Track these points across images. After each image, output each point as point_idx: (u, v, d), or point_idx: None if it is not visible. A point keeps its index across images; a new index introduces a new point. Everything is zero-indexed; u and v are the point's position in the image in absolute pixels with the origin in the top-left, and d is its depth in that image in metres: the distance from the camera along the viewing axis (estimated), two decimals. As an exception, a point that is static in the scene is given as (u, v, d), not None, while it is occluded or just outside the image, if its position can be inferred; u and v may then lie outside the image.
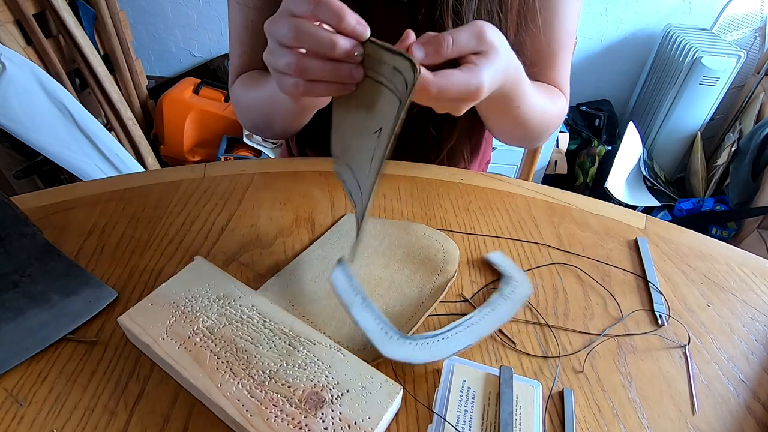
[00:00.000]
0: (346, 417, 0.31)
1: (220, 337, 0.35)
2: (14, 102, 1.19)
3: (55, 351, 0.37)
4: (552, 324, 0.42)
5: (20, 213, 0.44)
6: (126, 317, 0.37)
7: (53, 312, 0.39)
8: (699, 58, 1.54)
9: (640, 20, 1.79)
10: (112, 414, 0.33)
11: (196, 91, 1.74)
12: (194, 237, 0.48)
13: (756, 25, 1.68)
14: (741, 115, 1.66)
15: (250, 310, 0.38)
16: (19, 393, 0.34)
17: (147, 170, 1.56)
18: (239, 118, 0.63)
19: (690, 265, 0.50)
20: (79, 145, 1.35)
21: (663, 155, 1.80)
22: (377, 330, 0.36)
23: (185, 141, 1.72)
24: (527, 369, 0.38)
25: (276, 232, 0.50)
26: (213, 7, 1.88)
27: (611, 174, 1.61)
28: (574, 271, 0.48)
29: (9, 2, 1.27)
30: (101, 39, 1.59)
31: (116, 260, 0.45)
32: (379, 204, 0.55)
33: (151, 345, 0.35)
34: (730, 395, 0.38)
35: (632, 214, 0.57)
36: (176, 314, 0.37)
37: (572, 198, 0.59)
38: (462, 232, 0.52)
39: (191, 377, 0.33)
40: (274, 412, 0.31)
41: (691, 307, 0.45)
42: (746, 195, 1.49)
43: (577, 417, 0.35)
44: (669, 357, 0.40)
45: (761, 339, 0.43)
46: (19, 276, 0.41)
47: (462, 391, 0.34)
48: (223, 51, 2.00)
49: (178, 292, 0.39)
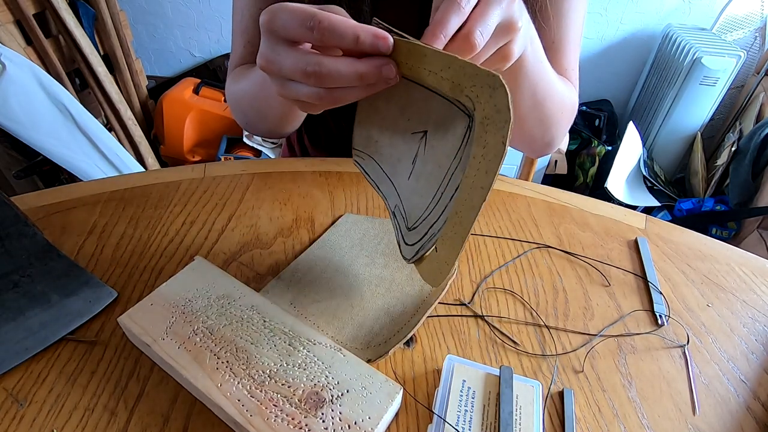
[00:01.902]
0: (346, 417, 0.31)
1: (220, 337, 0.35)
2: (14, 102, 1.19)
3: (55, 351, 0.37)
4: (552, 324, 0.42)
5: (20, 213, 0.44)
6: (126, 317, 0.37)
7: (53, 312, 0.39)
8: (699, 58, 1.54)
9: (640, 20, 1.79)
10: (112, 414, 0.33)
11: (196, 91, 1.74)
12: (194, 237, 0.48)
13: (756, 25, 1.68)
14: (741, 115, 1.66)
15: (250, 310, 0.38)
16: (19, 393, 0.34)
17: (147, 170, 1.56)
18: (233, 113, 0.61)
19: (690, 265, 0.50)
20: (79, 145, 1.35)
21: (663, 155, 1.80)
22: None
23: (185, 141, 1.72)
24: (527, 369, 0.38)
25: (276, 232, 0.50)
26: (213, 7, 1.88)
27: (611, 174, 1.61)
28: (574, 271, 0.48)
29: (9, 2, 1.27)
30: (101, 39, 1.59)
31: (116, 260, 0.45)
32: (379, 204, 0.55)
33: (151, 345, 0.35)
34: (730, 395, 0.38)
35: (632, 214, 0.57)
36: (176, 314, 0.37)
37: (572, 198, 0.59)
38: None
39: (191, 377, 0.33)
40: (274, 412, 0.31)
41: (691, 307, 0.45)
42: (746, 195, 1.49)
43: (577, 417, 0.35)
44: (669, 357, 0.40)
45: (761, 339, 0.43)
46: (19, 276, 0.41)
47: (462, 391, 0.34)
48: (223, 51, 2.00)
49: (178, 292, 0.39)
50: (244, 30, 0.58)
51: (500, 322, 0.42)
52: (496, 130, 0.26)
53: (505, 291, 0.45)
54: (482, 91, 0.26)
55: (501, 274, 0.47)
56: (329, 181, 0.58)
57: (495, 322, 0.42)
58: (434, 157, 0.34)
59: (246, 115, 0.58)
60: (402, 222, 0.39)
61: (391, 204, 0.40)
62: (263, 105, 0.52)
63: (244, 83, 0.54)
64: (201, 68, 2.01)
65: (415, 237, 0.36)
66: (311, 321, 0.40)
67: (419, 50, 0.28)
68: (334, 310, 0.41)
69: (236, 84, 0.57)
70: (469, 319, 0.42)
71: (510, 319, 0.42)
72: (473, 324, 0.42)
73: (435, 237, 0.33)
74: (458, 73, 0.27)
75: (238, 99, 0.57)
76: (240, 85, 0.56)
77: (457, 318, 0.42)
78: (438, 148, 0.34)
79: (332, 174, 0.59)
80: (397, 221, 0.39)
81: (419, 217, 0.36)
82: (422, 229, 0.35)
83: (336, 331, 0.39)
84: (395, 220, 0.40)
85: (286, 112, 0.52)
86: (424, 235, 0.35)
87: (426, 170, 0.35)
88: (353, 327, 0.39)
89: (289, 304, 0.41)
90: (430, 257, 0.34)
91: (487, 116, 0.26)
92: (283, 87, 0.31)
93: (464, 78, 0.27)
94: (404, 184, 0.38)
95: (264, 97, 0.50)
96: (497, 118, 0.26)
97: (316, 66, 0.28)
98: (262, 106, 0.53)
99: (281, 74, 0.30)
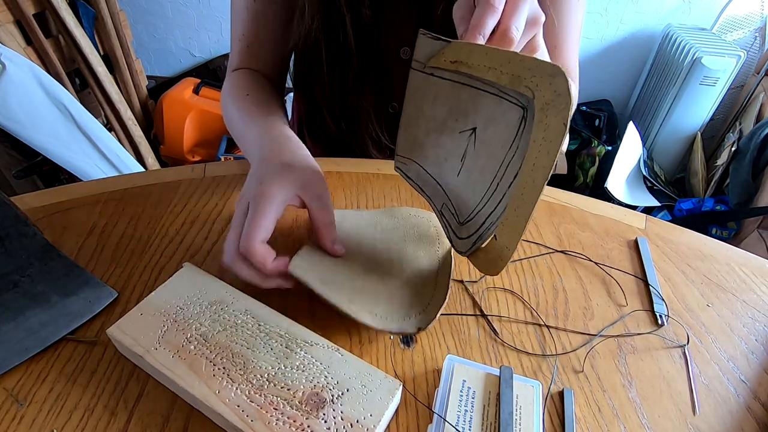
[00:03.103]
0: (348, 416, 0.31)
1: (215, 344, 0.35)
2: (14, 102, 1.19)
3: (55, 351, 0.37)
4: (552, 324, 0.42)
5: (20, 213, 0.44)
6: (115, 328, 0.36)
7: (53, 312, 0.39)
8: (699, 58, 1.54)
9: (640, 20, 1.79)
10: (112, 414, 0.33)
11: (196, 91, 1.74)
12: (194, 237, 0.48)
13: (756, 25, 1.68)
14: (741, 115, 1.66)
15: (243, 314, 0.37)
16: (19, 393, 0.34)
17: (147, 170, 1.56)
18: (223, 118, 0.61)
19: (690, 265, 0.50)
20: (79, 145, 1.35)
21: (663, 155, 1.80)
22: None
23: (185, 141, 1.72)
24: (527, 369, 0.38)
25: (276, 232, 0.50)
26: (213, 7, 1.88)
27: (611, 174, 1.61)
28: (574, 271, 0.48)
29: (9, 2, 1.27)
30: (101, 39, 1.59)
31: (116, 260, 0.45)
32: (379, 204, 0.55)
33: (144, 355, 0.34)
34: (730, 395, 0.38)
35: (632, 214, 0.57)
36: (168, 323, 0.36)
37: (572, 198, 0.59)
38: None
39: (188, 386, 0.32)
40: (275, 415, 0.31)
41: (691, 307, 0.45)
42: (746, 195, 1.49)
43: (577, 417, 0.35)
44: (669, 357, 0.40)
45: (761, 339, 0.43)
46: (19, 276, 0.41)
47: (462, 391, 0.34)
48: (223, 51, 2.00)
49: (168, 300, 0.38)
50: (242, 32, 0.59)
51: (500, 321, 0.42)
52: (556, 113, 0.29)
53: (505, 291, 0.45)
54: (542, 80, 0.29)
55: (501, 274, 0.47)
56: (329, 181, 0.58)
57: (495, 322, 0.42)
58: (487, 150, 0.36)
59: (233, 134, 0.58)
60: (452, 219, 0.40)
61: (438, 204, 0.42)
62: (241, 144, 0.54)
63: (233, 113, 0.55)
64: (201, 68, 2.01)
65: (469, 230, 0.38)
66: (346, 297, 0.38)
67: (480, 50, 0.32)
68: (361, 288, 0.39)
69: (230, 104, 0.56)
70: (469, 318, 0.42)
71: (510, 319, 0.42)
72: (473, 324, 0.42)
73: (494, 225, 0.35)
74: (518, 67, 0.30)
75: (228, 117, 0.57)
76: (231, 111, 0.55)
77: (457, 318, 0.42)
78: (490, 142, 0.36)
79: (332, 174, 0.59)
80: (446, 219, 0.41)
81: (472, 210, 0.38)
82: (477, 220, 0.37)
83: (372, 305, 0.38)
84: (443, 219, 0.41)
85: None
86: (481, 226, 0.37)
87: (478, 164, 0.37)
88: (387, 301, 0.39)
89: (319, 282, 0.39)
90: (486, 247, 0.36)
91: (548, 102, 0.29)
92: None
93: (524, 70, 0.30)
94: (452, 181, 0.40)
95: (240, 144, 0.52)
96: (558, 101, 0.28)
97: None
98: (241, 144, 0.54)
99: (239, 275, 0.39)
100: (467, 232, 0.38)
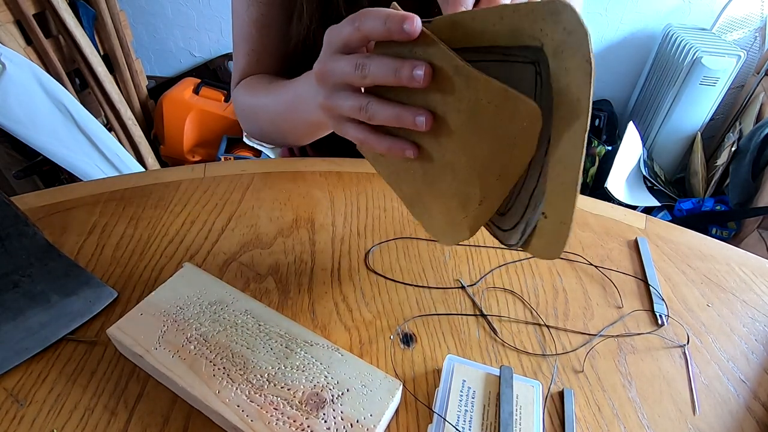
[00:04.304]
0: (348, 416, 0.31)
1: (215, 344, 0.35)
2: (14, 102, 1.19)
3: (55, 351, 0.37)
4: (552, 324, 0.42)
5: (20, 213, 0.44)
6: (115, 328, 0.36)
7: (53, 312, 0.39)
8: (699, 58, 1.54)
9: (640, 20, 1.79)
10: (112, 414, 0.33)
11: (196, 91, 1.74)
12: (194, 237, 0.48)
13: (756, 25, 1.68)
14: (741, 115, 1.66)
15: (243, 314, 0.37)
16: (19, 393, 0.34)
17: (147, 170, 1.56)
18: (243, 123, 0.61)
19: (690, 265, 0.50)
20: (79, 145, 1.35)
21: (663, 155, 1.80)
22: None
23: (185, 141, 1.72)
24: (527, 369, 0.38)
25: (276, 232, 0.50)
26: (213, 7, 1.88)
27: (611, 174, 1.61)
28: (574, 271, 0.48)
29: (9, 2, 1.27)
30: (101, 39, 1.59)
31: (116, 260, 0.45)
32: (379, 204, 0.55)
33: (144, 355, 0.34)
34: (730, 395, 0.38)
35: (632, 214, 0.57)
36: (168, 323, 0.36)
37: (572, 198, 0.59)
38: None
39: (188, 386, 0.32)
40: (275, 415, 0.31)
41: (691, 307, 0.45)
42: (746, 195, 1.49)
43: (577, 417, 0.35)
44: (669, 357, 0.40)
45: (761, 339, 0.43)
46: (19, 276, 0.41)
47: (462, 391, 0.34)
48: (223, 51, 2.00)
49: (168, 301, 0.38)
50: (245, 38, 0.58)
51: (500, 321, 0.42)
52: (574, 52, 0.24)
53: (505, 291, 0.45)
54: (545, 23, 0.25)
55: (501, 274, 0.47)
56: (329, 181, 0.58)
57: (495, 322, 0.42)
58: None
59: (262, 129, 0.57)
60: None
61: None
62: (287, 125, 0.52)
63: (266, 99, 0.53)
64: (201, 68, 2.01)
65: (512, 219, 0.34)
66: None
67: (466, 16, 0.28)
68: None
69: (253, 97, 0.55)
70: (469, 318, 0.42)
71: (510, 319, 0.42)
72: (473, 324, 0.42)
73: (540, 204, 0.31)
74: (514, 19, 0.26)
75: (255, 112, 0.56)
76: (258, 99, 0.54)
77: (457, 318, 0.42)
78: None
79: (332, 174, 0.59)
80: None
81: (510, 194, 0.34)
82: (518, 207, 0.33)
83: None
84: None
85: (312, 132, 0.52)
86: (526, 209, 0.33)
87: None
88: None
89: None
90: (539, 231, 0.32)
91: (559, 43, 0.25)
92: (343, 127, 0.34)
93: (522, 20, 0.26)
94: None
95: (291, 119, 0.50)
96: (571, 39, 0.24)
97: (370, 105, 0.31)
98: (286, 126, 0.53)
99: (342, 112, 0.33)
100: (511, 222, 0.34)
